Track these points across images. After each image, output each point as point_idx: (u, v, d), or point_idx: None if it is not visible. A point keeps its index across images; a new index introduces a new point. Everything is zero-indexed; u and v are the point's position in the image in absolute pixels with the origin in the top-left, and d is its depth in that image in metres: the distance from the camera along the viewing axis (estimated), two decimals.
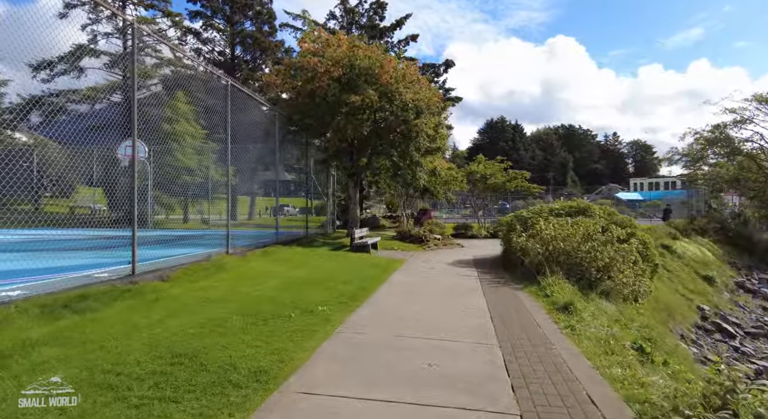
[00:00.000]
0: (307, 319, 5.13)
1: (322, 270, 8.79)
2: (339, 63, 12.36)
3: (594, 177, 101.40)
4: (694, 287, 14.98)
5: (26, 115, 11.31)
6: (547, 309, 6.12)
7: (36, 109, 14.42)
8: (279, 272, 8.13)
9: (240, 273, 7.80)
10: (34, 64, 19.29)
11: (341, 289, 7.00)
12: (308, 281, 7.55)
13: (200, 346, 3.96)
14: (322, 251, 11.64)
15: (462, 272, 9.59)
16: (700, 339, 11.41)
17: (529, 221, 10.63)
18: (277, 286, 6.95)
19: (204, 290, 6.25)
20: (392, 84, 12.27)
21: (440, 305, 6.19)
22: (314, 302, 5.97)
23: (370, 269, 9.32)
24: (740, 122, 26.35)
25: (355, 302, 6.14)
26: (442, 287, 7.66)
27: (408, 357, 4.01)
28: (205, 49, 35.87)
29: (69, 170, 7.69)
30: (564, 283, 7.39)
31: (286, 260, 9.65)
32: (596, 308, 6.75)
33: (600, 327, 5.49)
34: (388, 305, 6.13)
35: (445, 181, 19.54)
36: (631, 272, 8.19)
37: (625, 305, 8.01)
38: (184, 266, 7.52)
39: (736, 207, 30.74)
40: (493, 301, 6.64)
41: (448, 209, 44.45)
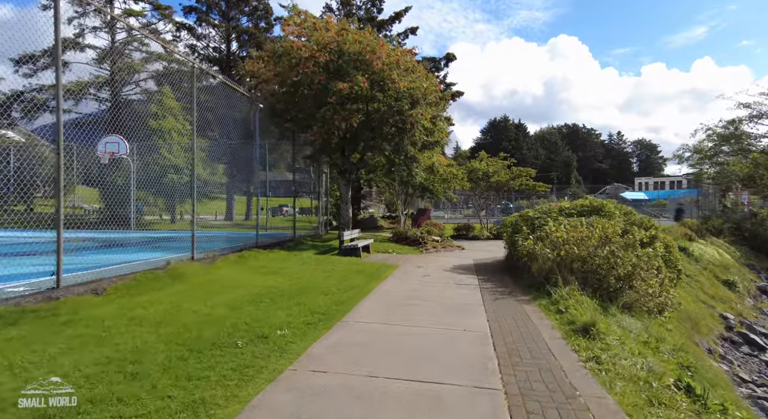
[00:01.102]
0: (258, 349, 4.00)
1: (300, 279, 7.66)
2: (326, 48, 11.22)
3: (598, 177, 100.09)
4: (714, 293, 13.76)
5: None
6: (562, 331, 4.97)
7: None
8: (247, 282, 7.01)
9: (199, 284, 6.68)
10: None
11: (315, 304, 5.87)
12: (279, 293, 6.43)
13: (84, 400, 2.83)
14: (307, 255, 10.50)
15: (461, 280, 8.44)
16: (729, 353, 10.21)
17: (536, 222, 9.49)
18: (237, 301, 5.82)
19: (143, 307, 5.12)
20: (385, 71, 11.12)
21: (432, 326, 5.05)
22: (276, 323, 4.85)
23: (356, 276, 8.19)
24: (756, 117, 25.06)
25: (327, 323, 5.01)
26: (436, 301, 6.52)
27: (380, 414, 2.87)
28: (200, 46, 34.95)
29: None
30: (580, 296, 6.24)
31: (260, 267, 8.52)
32: (619, 327, 5.60)
33: (631, 355, 4.35)
34: (367, 326, 4.99)
35: (444, 179, 18.35)
36: (657, 281, 7.03)
37: (649, 320, 6.85)
38: (132, 275, 6.41)
39: (746, 207, 29.40)
40: (497, 319, 5.49)
41: (451, 208, 43.34)
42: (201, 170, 22.07)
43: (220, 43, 35.49)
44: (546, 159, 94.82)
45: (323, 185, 17.38)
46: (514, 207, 37.01)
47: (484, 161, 21.06)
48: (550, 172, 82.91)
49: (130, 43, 25.83)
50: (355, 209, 26.88)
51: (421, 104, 11.50)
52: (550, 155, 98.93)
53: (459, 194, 29.22)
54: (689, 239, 17.38)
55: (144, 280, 6.25)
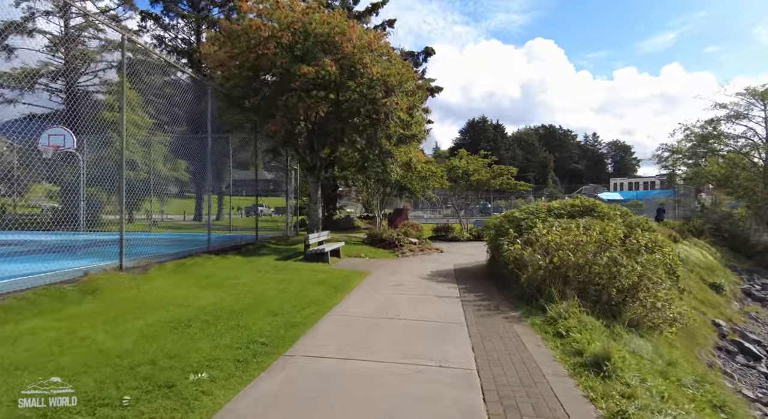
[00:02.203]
0: (153, 407, 2.78)
1: (249, 292, 6.40)
2: (290, 28, 9.97)
3: (574, 177, 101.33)
4: (704, 298, 13.15)
5: None
6: (568, 366, 3.91)
7: None
8: (179, 299, 5.72)
9: (116, 302, 5.37)
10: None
11: (259, 328, 4.66)
12: (217, 312, 5.18)
13: None
14: (265, 261, 9.23)
15: (439, 291, 7.35)
16: (727, 365, 9.49)
17: (523, 224, 8.49)
18: (157, 326, 4.55)
19: (13, 341, 3.81)
20: (356, 54, 9.94)
21: (401, 362, 3.91)
22: (196, 360, 3.63)
23: (318, 288, 6.99)
24: (734, 117, 25.00)
25: (265, 359, 3.81)
26: (409, 320, 5.39)
27: None
28: (168, 37, 33.05)
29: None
30: (581, 313, 5.23)
31: (205, 277, 7.22)
32: (630, 352, 4.60)
33: (660, 401, 3.32)
34: (315, 365, 3.81)
35: (423, 177, 17.29)
36: (665, 293, 6.10)
37: (655, 337, 5.92)
38: (33, 289, 5.07)
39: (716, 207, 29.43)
40: (484, 347, 4.40)
41: (430, 208, 42.46)
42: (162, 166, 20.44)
43: (189, 34, 33.64)
44: (523, 160, 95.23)
45: (292, 182, 16.09)
46: (492, 207, 36.43)
47: (464, 159, 20.12)
48: (528, 172, 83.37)
49: (85, 29, 23.92)
50: (331, 209, 25.54)
51: (396, 93, 10.36)
52: (527, 155, 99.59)
53: (438, 193, 28.25)
54: (674, 240, 16.84)
55: (39, 299, 4.90)
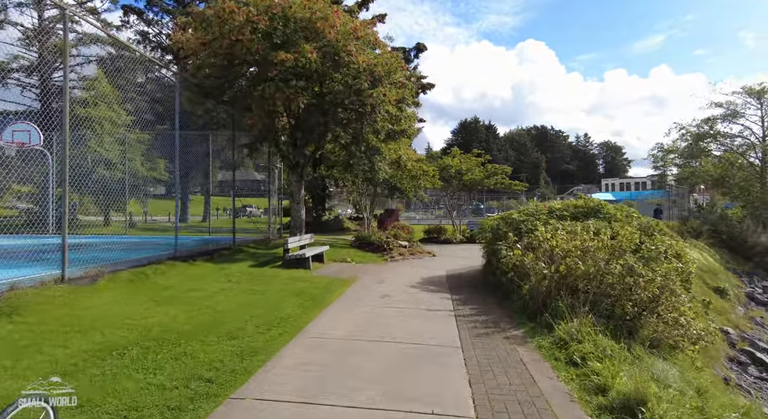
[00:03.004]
0: None
1: (209, 308, 5.51)
2: (268, 12, 9.09)
3: (566, 178, 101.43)
4: (709, 303, 12.48)
5: None
6: (589, 409, 3.09)
7: None
8: (123, 318, 4.82)
9: (41, 323, 4.45)
10: None
11: (206, 358, 3.79)
12: (160, 336, 4.29)
13: None
14: (239, 269, 8.34)
15: (430, 303, 6.53)
16: (741, 379, 8.79)
17: (522, 227, 7.72)
18: (77, 356, 3.65)
19: None
20: (340, 41, 9.09)
21: (381, 408, 3.06)
22: (111, 408, 2.75)
23: (292, 300, 6.12)
24: (730, 116, 24.55)
25: (202, 406, 2.94)
26: (394, 343, 4.55)
27: None
28: (152, 32, 31.94)
29: None
30: (597, 335, 4.43)
31: (163, 289, 6.31)
32: (655, 380, 3.81)
33: None
34: (268, 412, 2.95)
35: (414, 175, 16.47)
36: (688, 306, 5.34)
37: (677, 358, 5.16)
38: None
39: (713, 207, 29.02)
40: (484, 381, 3.58)
41: (422, 209, 41.69)
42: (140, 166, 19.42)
43: (174, 30, 32.58)
44: (516, 160, 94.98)
45: (276, 181, 15.19)
46: (484, 208, 35.76)
47: (456, 158, 19.35)
48: (520, 173, 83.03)
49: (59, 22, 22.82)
50: (320, 209, 24.63)
51: (383, 84, 9.52)
52: (519, 156, 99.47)
53: (431, 194, 27.48)
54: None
55: None
